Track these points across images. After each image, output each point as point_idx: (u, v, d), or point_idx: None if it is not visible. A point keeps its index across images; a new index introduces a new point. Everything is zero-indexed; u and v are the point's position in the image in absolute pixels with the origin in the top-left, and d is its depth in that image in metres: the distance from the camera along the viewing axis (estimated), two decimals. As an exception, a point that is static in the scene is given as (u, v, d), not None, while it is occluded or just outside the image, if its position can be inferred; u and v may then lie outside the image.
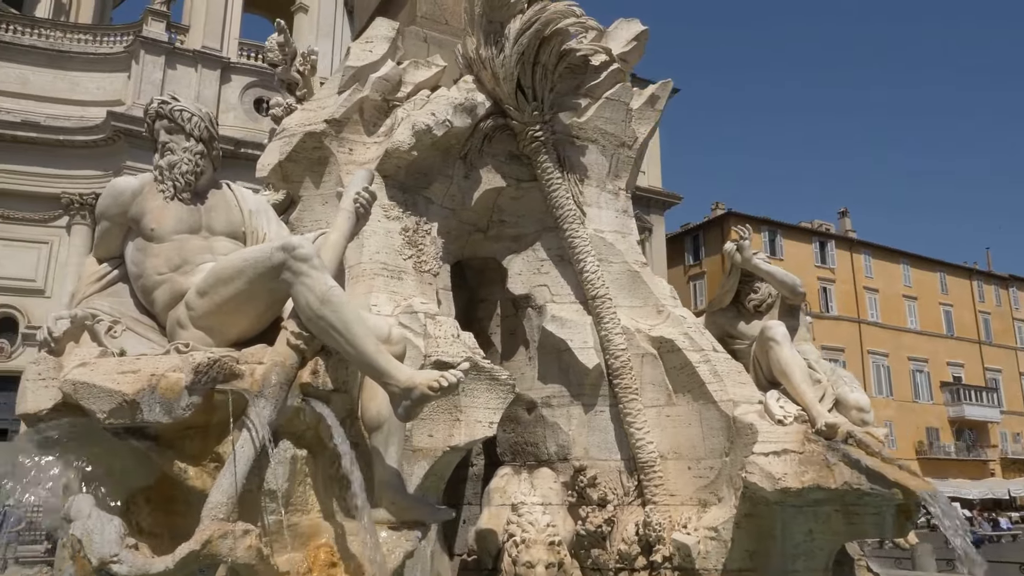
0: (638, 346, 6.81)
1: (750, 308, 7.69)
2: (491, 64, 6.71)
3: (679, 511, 6.46)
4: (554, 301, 6.97)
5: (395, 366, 4.06)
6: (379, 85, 6.38)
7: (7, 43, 28.72)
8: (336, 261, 4.48)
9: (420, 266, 6.09)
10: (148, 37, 29.26)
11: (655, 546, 6.25)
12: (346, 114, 6.36)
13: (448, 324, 5.53)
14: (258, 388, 3.95)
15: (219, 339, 4.29)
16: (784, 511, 5.89)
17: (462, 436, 5.25)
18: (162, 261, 4.46)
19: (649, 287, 7.11)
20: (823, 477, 5.63)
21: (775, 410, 6.16)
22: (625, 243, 7.27)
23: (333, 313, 4.02)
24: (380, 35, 6.61)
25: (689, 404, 6.68)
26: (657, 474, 6.49)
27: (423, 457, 5.19)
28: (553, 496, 6.38)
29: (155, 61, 29.03)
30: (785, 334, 6.72)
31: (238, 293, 4.18)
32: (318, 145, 6.31)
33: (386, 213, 6.12)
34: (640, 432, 6.56)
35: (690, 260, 53.14)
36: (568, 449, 6.68)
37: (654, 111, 7.81)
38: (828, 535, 5.95)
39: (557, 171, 6.97)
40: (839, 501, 5.74)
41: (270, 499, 3.98)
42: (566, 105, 7.29)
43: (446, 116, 6.27)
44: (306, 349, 4.11)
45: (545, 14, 6.62)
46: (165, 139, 4.66)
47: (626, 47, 7.71)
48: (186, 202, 4.61)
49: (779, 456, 5.77)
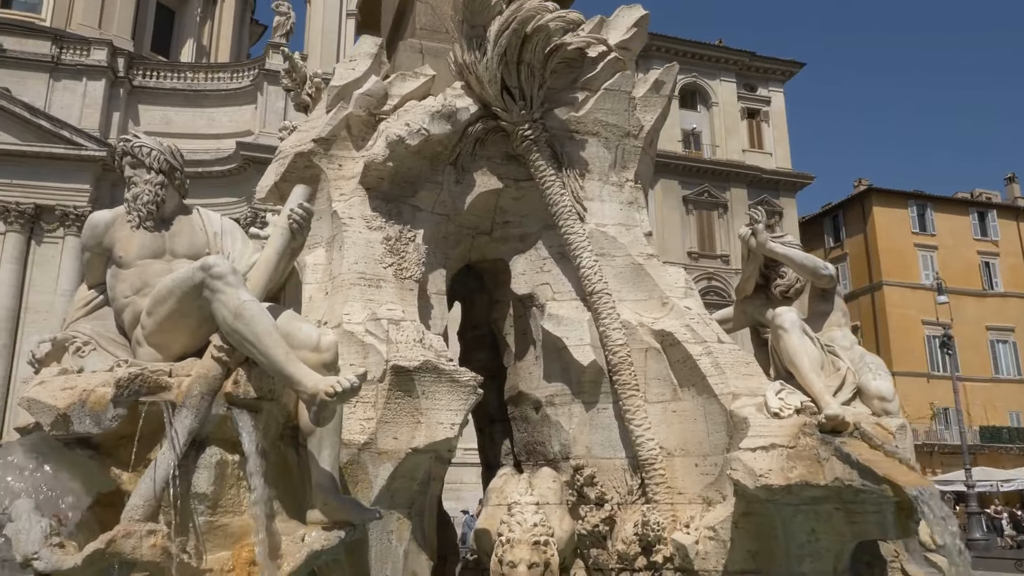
0: (641, 340, 6.63)
1: (777, 295, 7.28)
2: (475, 68, 6.78)
3: (686, 509, 6.24)
4: (555, 299, 6.92)
5: (303, 373, 4.24)
6: (362, 101, 6.61)
7: (152, 88, 31.92)
8: (267, 276, 4.74)
9: (401, 273, 6.25)
10: (270, 69, 31.50)
11: (655, 546, 6.08)
12: (333, 132, 6.64)
13: (411, 329, 5.66)
14: (182, 399, 4.27)
15: (166, 354, 4.66)
16: (781, 510, 5.55)
17: (422, 438, 5.36)
18: (127, 285, 4.90)
19: (654, 279, 6.90)
20: (813, 473, 5.26)
21: (772, 402, 5.81)
22: (629, 236, 7.09)
23: (245, 326, 4.27)
24: (363, 52, 6.85)
25: (694, 399, 6.43)
26: (659, 472, 6.29)
27: (388, 459, 5.35)
28: (551, 496, 6.34)
29: (277, 91, 31.13)
30: (795, 320, 6.31)
31: (172, 312, 4.53)
32: (308, 164, 6.64)
33: (368, 224, 6.34)
34: (640, 429, 6.39)
35: (830, 242, 50.09)
36: (569, 448, 6.62)
37: (660, 96, 7.55)
38: (832, 535, 5.54)
39: (551, 168, 6.92)
40: (837, 499, 5.34)
41: (199, 501, 4.29)
42: (562, 100, 7.22)
43: (421, 125, 6.40)
44: (228, 361, 4.39)
45: (521, 13, 6.61)
46: (129, 173, 5.11)
47: (626, 35, 7.52)
48: (150, 229, 5.02)
49: (767, 451, 5.45)
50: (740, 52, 44.14)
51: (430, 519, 6.18)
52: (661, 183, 40.63)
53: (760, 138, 44.27)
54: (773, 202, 42.87)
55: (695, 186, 41.14)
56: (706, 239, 41.00)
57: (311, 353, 4.58)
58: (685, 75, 42.98)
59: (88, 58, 32.38)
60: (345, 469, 5.31)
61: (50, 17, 36.59)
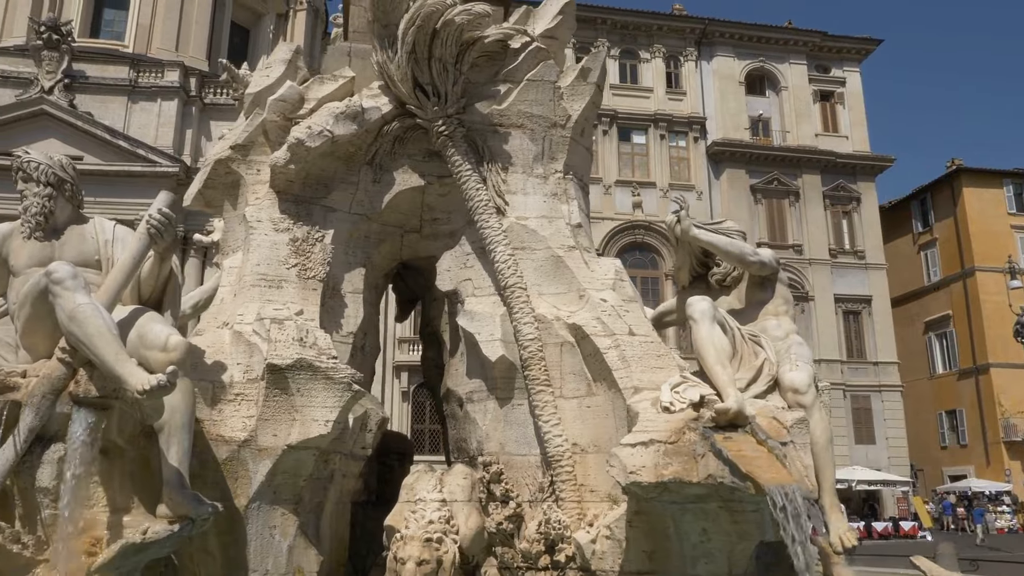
0: (556, 335, 6.50)
1: (715, 284, 7.00)
2: (387, 67, 6.81)
3: (596, 507, 6.08)
4: (474, 295, 6.87)
5: (129, 372, 4.40)
6: (276, 106, 6.74)
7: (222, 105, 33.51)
8: (120, 280, 4.93)
9: (304, 273, 6.35)
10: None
11: (558, 544, 5.94)
12: (249, 138, 6.81)
13: (292, 328, 5.74)
14: (26, 399, 4.51)
15: (35, 356, 4.93)
16: (668, 509, 5.33)
17: (296, 435, 5.43)
18: (15, 293, 5.21)
19: (572, 272, 6.74)
20: (687, 470, 5.03)
21: (664, 396, 5.58)
22: (551, 228, 6.94)
23: (79, 328, 4.47)
24: (278, 59, 7.00)
25: (605, 393, 6.26)
26: (565, 468, 6.14)
27: (267, 456, 5.45)
28: (459, 493, 6.29)
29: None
30: (704, 310, 6.02)
31: (30, 316, 4.80)
32: (228, 170, 6.83)
33: (275, 226, 6.48)
34: (548, 425, 6.26)
35: (918, 227, 47.37)
36: (483, 445, 6.56)
37: (587, 84, 7.35)
38: (722, 535, 5.29)
39: (467, 163, 6.87)
40: (718, 497, 5.09)
41: (43, 495, 4.51)
42: (485, 94, 7.15)
43: (324, 127, 6.48)
44: (71, 361, 4.60)
45: (424, 9, 6.59)
46: (21, 187, 5.43)
47: (552, 23, 7.38)
48: (40, 239, 5.32)
49: (646, 447, 5.24)
50: (810, 32, 42.27)
51: (337, 515, 6.26)
52: (727, 173, 39.46)
53: (835, 121, 42.27)
54: (849, 187, 40.89)
55: (763, 174, 39.66)
56: (776, 229, 39.48)
57: (160, 353, 4.75)
58: (752, 60, 41.64)
59: (162, 80, 34.27)
60: (226, 465, 5.46)
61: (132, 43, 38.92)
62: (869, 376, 38.50)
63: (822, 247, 39.38)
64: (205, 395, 5.50)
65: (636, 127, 39.36)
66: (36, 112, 32.33)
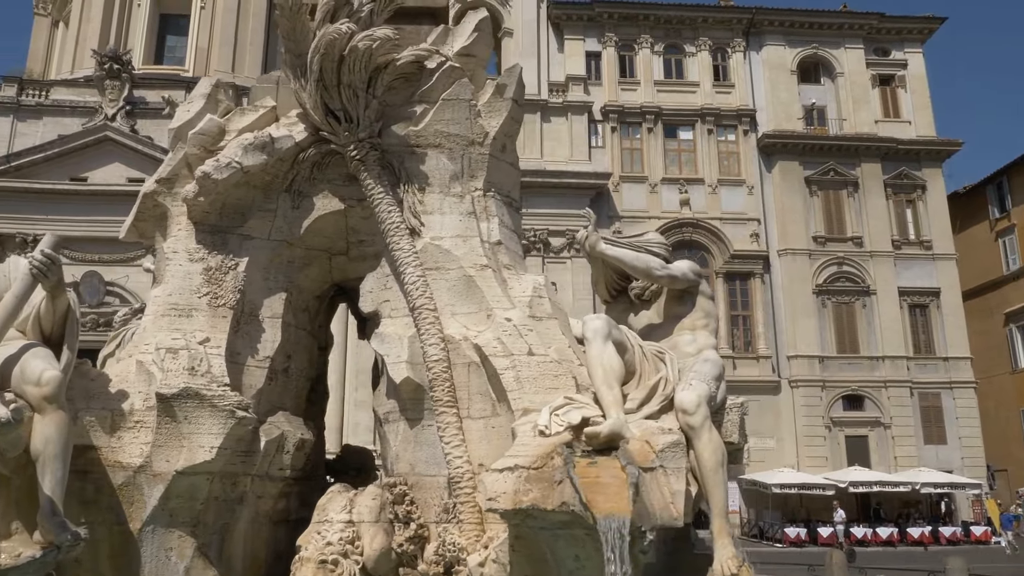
0: (464, 355, 6.51)
1: (634, 298, 6.88)
2: (300, 95, 6.97)
3: (494, 529, 6.05)
4: (391, 316, 6.94)
5: None
6: (196, 140, 6.98)
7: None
8: (5, 317, 5.22)
9: (215, 301, 6.56)
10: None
11: (454, 567, 5.96)
12: (173, 171, 7.08)
13: (184, 358, 5.95)
14: (-98, 429, 4.84)
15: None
16: (541, 535, 5.29)
17: (183, 461, 5.63)
18: None
19: (483, 291, 6.73)
20: (545, 497, 4.98)
21: (541, 419, 5.53)
22: (466, 247, 6.95)
23: (-56, 364, 4.77)
24: (199, 93, 7.25)
25: (506, 414, 6.24)
26: (464, 490, 6.14)
27: (160, 481, 5.67)
28: (367, 514, 6.36)
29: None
30: (597, 329, 5.92)
31: None
32: (156, 203, 7.12)
33: (190, 256, 6.71)
34: (450, 446, 6.28)
35: (995, 213, 44.73)
36: (393, 465, 6.63)
37: (504, 100, 7.32)
38: (595, 561, 5.17)
39: (380, 186, 6.95)
40: (580, 524, 4.99)
41: (-81, 523, 4.83)
42: (401, 116, 7.22)
43: (232, 158, 6.67)
44: (-59, 395, 4.91)
45: (325, 38, 6.71)
46: None
47: (468, 40, 7.39)
48: None
49: (511, 472, 5.21)
50: (867, 15, 40.56)
51: (252, 536, 6.44)
52: (779, 166, 38.26)
53: (896, 106, 40.42)
54: (913, 175, 39.03)
55: (818, 165, 38.27)
56: (834, 221, 38.02)
57: (33, 387, 5.02)
58: (804, 47, 40.27)
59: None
60: (121, 490, 5.71)
61: (192, 67, 40.78)
62: (939, 373, 36.63)
63: (884, 238, 37.72)
64: (103, 423, 5.77)
65: (682, 123, 38.63)
66: (101, 138, 34.30)
